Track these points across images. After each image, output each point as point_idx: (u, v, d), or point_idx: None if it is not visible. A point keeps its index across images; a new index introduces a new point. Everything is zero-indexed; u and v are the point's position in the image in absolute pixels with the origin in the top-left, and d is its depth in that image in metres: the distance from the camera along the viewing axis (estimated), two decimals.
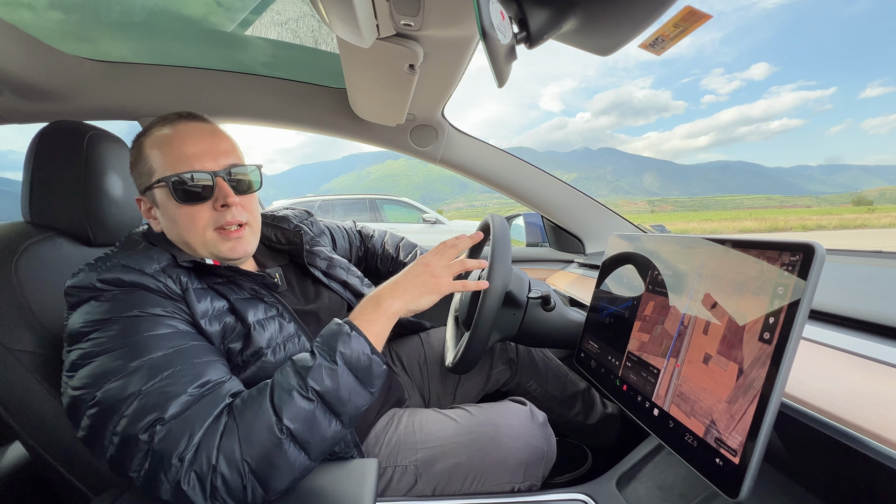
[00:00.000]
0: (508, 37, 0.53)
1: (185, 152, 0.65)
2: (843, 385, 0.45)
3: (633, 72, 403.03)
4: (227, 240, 0.68)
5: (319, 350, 0.56)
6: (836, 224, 40.63)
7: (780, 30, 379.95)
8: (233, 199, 0.66)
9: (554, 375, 1.06)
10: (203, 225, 0.66)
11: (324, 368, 0.54)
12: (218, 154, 0.67)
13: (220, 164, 0.67)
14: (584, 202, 1.43)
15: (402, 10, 0.63)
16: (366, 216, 6.52)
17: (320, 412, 0.52)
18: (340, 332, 0.57)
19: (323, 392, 0.53)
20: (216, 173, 0.66)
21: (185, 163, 0.65)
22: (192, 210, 0.65)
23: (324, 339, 0.57)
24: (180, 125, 0.68)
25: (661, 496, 0.65)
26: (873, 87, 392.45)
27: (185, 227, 0.66)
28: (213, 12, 0.89)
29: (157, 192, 0.66)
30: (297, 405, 0.51)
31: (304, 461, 0.52)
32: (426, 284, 0.65)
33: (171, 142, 0.66)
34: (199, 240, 0.67)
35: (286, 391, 0.52)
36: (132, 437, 0.48)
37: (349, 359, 0.55)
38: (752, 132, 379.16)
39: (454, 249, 0.71)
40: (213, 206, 0.66)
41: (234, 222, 0.68)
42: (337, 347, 0.55)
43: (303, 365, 0.54)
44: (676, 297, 0.58)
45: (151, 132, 0.68)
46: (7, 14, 0.80)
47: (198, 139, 0.67)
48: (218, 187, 0.66)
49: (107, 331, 0.54)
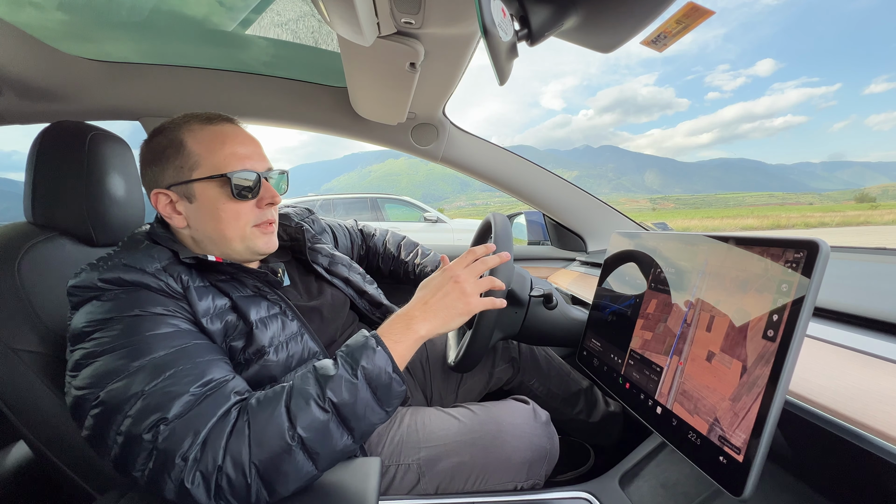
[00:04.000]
0: (510, 34, 0.53)
1: (238, 152, 0.69)
2: (847, 382, 0.45)
3: (636, 69, 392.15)
4: (265, 234, 0.72)
5: (343, 361, 0.55)
6: (838, 221, 40.47)
7: (783, 26, 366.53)
8: (278, 199, 0.73)
9: (556, 374, 1.06)
10: (245, 221, 0.70)
11: (344, 380, 0.53)
12: (261, 157, 0.72)
13: (264, 166, 0.72)
14: (585, 200, 1.43)
15: (403, 8, 0.63)
16: (367, 215, 6.52)
17: (334, 424, 0.52)
18: (366, 345, 0.56)
19: (340, 404, 0.52)
20: (265, 174, 0.70)
21: (239, 162, 0.68)
22: (239, 206, 0.69)
23: (349, 350, 0.57)
24: (225, 126, 0.71)
25: (665, 494, 0.65)
26: (878, 83, 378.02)
27: (229, 222, 0.68)
28: (214, 12, 0.89)
29: (202, 186, 0.67)
30: (312, 414, 0.51)
31: (312, 470, 0.51)
32: (457, 305, 0.63)
33: (225, 141, 0.69)
34: (238, 234, 0.70)
35: (304, 398, 0.52)
36: (136, 436, 0.48)
37: (370, 374, 0.54)
38: (756, 129, 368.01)
39: (483, 265, 0.67)
40: (258, 204, 0.70)
41: (273, 220, 0.73)
42: (360, 361, 0.55)
43: (324, 373, 0.54)
44: (679, 295, 0.57)
45: (191, 128, 0.68)
46: (9, 15, 0.80)
47: (247, 140, 0.71)
48: (264, 188, 0.70)
49: (109, 330, 0.54)
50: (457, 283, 0.64)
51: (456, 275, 0.65)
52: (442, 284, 0.65)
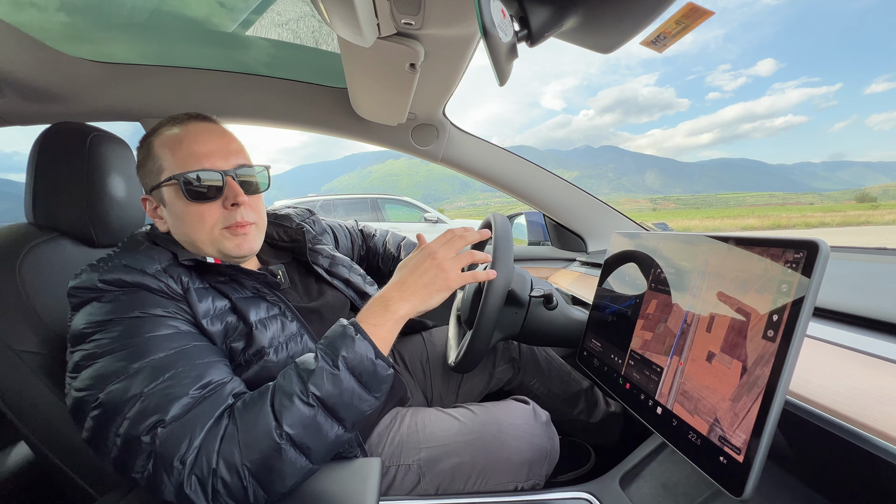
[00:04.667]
0: (509, 35, 0.53)
1: (195, 151, 0.66)
2: (847, 382, 0.45)
3: (636, 69, 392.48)
4: (235, 236, 0.68)
5: (322, 353, 0.55)
6: (839, 221, 40.40)
7: (784, 26, 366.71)
8: (242, 199, 0.67)
9: (557, 374, 1.06)
10: (212, 223, 0.67)
11: (325, 373, 0.52)
12: (228, 154, 0.68)
13: (230, 163, 0.68)
14: (585, 200, 1.43)
15: (403, 10, 0.63)
16: (367, 216, 6.53)
17: (322, 417, 0.52)
18: (344, 334, 0.56)
19: (324, 397, 0.52)
20: (226, 172, 0.67)
21: (195, 161, 0.65)
22: (201, 208, 0.66)
23: (327, 342, 0.56)
24: (191, 125, 0.68)
25: (665, 494, 0.65)
26: (879, 83, 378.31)
27: (194, 225, 0.66)
28: (215, 13, 0.90)
29: (166, 191, 0.66)
30: (297, 410, 0.50)
31: (306, 464, 0.51)
32: (435, 282, 0.62)
33: (182, 141, 0.66)
34: (206, 237, 0.67)
35: (287, 396, 0.51)
36: (135, 438, 0.48)
37: (352, 363, 0.54)
38: (756, 129, 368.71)
39: (462, 241, 0.67)
40: (223, 205, 0.67)
41: (242, 223, 0.68)
42: (339, 351, 0.54)
43: (305, 368, 0.53)
44: (679, 295, 0.57)
45: (161, 132, 0.68)
46: (10, 16, 0.81)
47: (208, 138, 0.68)
48: (228, 186, 0.66)
49: (109, 332, 0.54)
50: (433, 258, 0.63)
51: (432, 251, 0.64)
52: (419, 263, 0.63)
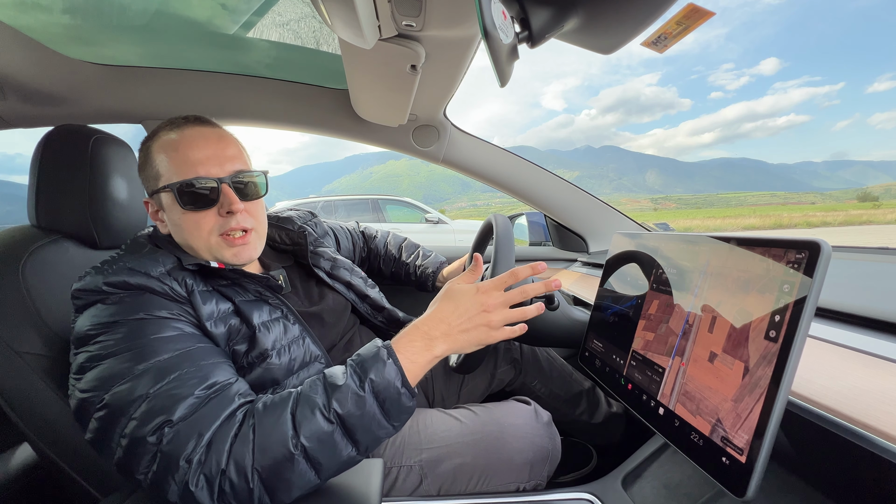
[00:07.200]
0: (510, 36, 0.53)
1: (190, 158, 0.65)
2: (849, 382, 0.45)
3: (638, 69, 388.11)
4: (232, 246, 0.68)
5: (352, 371, 0.53)
6: (841, 220, 40.26)
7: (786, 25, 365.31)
8: (237, 206, 0.66)
9: (558, 375, 1.06)
10: (207, 231, 0.67)
11: (351, 392, 0.51)
12: (224, 160, 0.67)
13: (225, 169, 0.67)
14: (586, 201, 1.43)
15: (404, 11, 0.63)
16: (368, 217, 6.54)
17: (339, 435, 0.50)
18: (377, 356, 0.53)
19: (345, 416, 0.50)
20: (221, 179, 0.66)
21: (190, 168, 0.65)
22: (196, 216, 0.66)
23: (359, 360, 0.54)
24: (187, 129, 0.68)
25: (667, 495, 0.65)
26: (881, 82, 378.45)
27: (190, 233, 0.67)
28: (217, 15, 0.90)
29: (164, 197, 0.67)
30: (317, 424, 0.49)
31: (314, 479, 0.50)
32: (479, 338, 0.57)
33: (178, 147, 0.66)
34: (203, 245, 0.67)
35: (310, 407, 0.50)
36: (140, 439, 0.48)
37: (378, 387, 0.51)
38: (758, 128, 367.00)
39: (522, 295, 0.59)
40: (219, 212, 0.67)
41: (238, 228, 0.68)
42: (369, 373, 0.52)
43: (332, 382, 0.52)
44: (681, 296, 0.57)
45: (158, 136, 0.68)
46: (12, 19, 0.81)
47: (203, 144, 0.67)
48: (223, 194, 0.66)
49: (113, 334, 0.54)
50: (486, 312, 0.57)
51: (487, 305, 0.57)
52: (469, 311, 0.57)
